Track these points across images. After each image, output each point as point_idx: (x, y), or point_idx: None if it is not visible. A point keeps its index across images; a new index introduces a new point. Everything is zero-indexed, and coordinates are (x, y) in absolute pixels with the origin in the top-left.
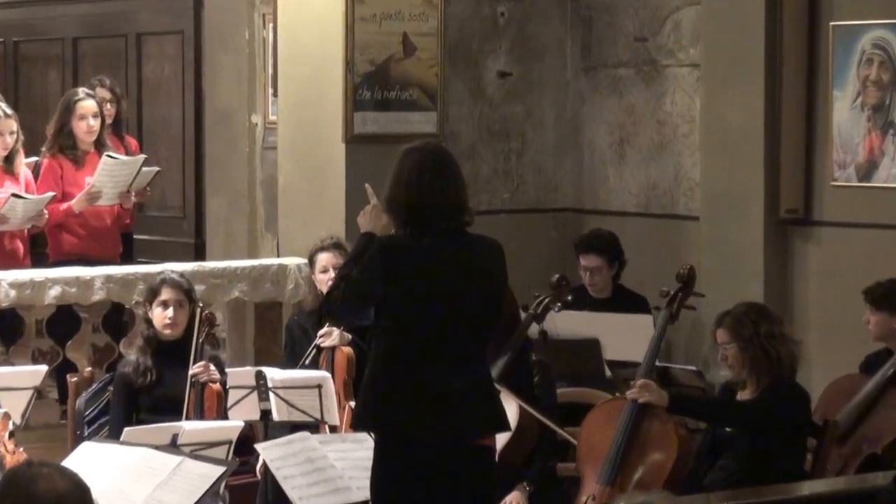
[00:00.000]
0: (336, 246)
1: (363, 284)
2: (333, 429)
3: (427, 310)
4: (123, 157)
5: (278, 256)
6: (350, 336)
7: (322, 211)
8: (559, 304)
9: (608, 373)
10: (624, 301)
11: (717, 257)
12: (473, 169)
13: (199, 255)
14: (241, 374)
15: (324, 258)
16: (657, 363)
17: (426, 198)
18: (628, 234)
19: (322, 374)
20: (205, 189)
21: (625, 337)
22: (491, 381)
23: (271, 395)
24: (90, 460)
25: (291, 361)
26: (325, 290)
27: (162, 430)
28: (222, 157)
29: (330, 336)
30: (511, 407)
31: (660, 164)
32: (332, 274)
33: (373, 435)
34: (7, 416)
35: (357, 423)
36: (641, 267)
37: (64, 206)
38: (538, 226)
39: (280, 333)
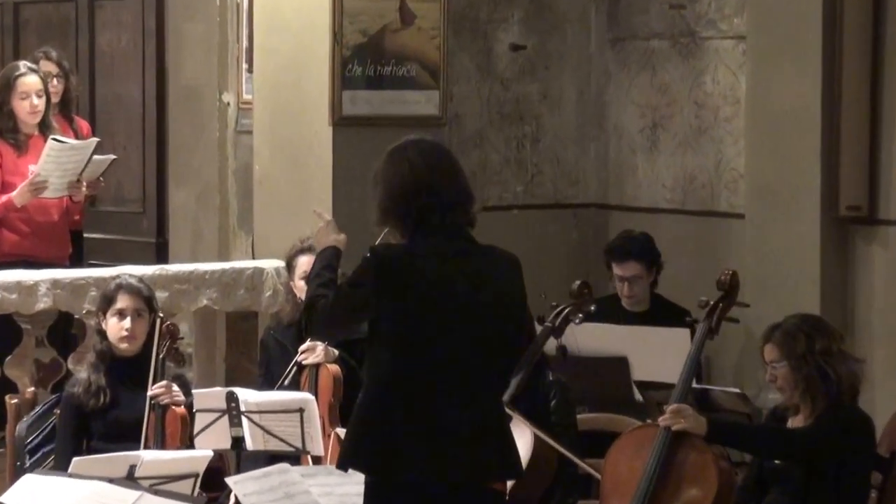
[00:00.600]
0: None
1: (353, 297)
2: (317, 460)
3: (431, 331)
4: (73, 142)
5: (253, 258)
6: (337, 352)
7: (305, 206)
8: (581, 316)
9: (637, 395)
10: (663, 314)
11: (764, 261)
12: (481, 158)
13: (162, 256)
14: (209, 396)
15: (305, 262)
16: (694, 384)
17: (428, 194)
18: (661, 235)
19: (304, 395)
20: (168, 180)
21: (657, 354)
22: (504, 419)
23: (244, 420)
24: (33, 495)
25: (268, 381)
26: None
27: (117, 460)
28: (188, 143)
29: (313, 352)
30: (524, 436)
31: (698, 152)
32: None
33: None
34: None
35: (345, 461)
36: (676, 273)
37: (3, 198)
38: (556, 224)
39: (255, 348)
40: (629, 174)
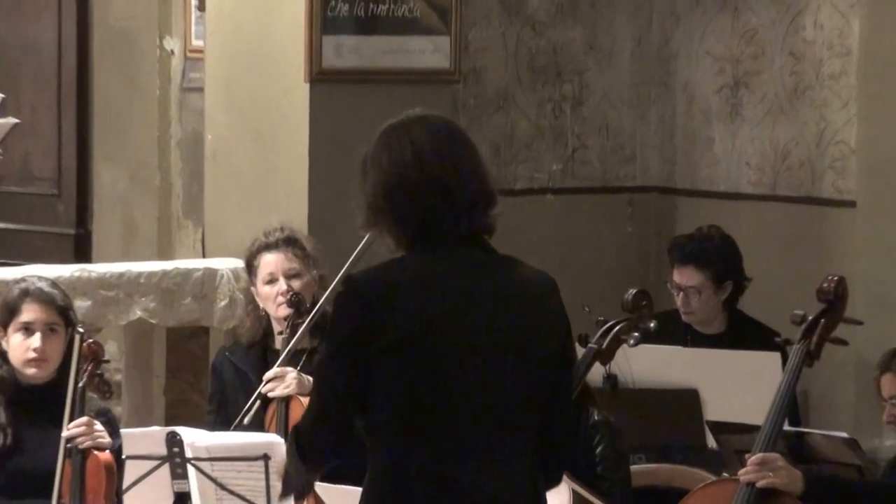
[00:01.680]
0: (288, 242)
1: (338, 373)
2: None
3: (447, 381)
4: None
5: (204, 257)
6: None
7: (271, 188)
8: (636, 335)
9: (710, 441)
10: (745, 337)
11: (882, 264)
12: (506, 126)
13: (82, 252)
14: (144, 438)
15: (270, 262)
16: (787, 427)
17: (436, 193)
18: (744, 228)
19: (271, 438)
20: (91, 152)
21: (737, 385)
22: (540, 486)
23: (191, 469)
24: None
25: (223, 419)
26: (274, 310)
27: None
28: (119, 104)
29: (282, 381)
30: (560, 493)
31: (794, 120)
32: (282, 286)
33: None
34: None
35: None
36: (763, 279)
37: None
38: (605, 214)
39: (205, 375)
40: (703, 148)
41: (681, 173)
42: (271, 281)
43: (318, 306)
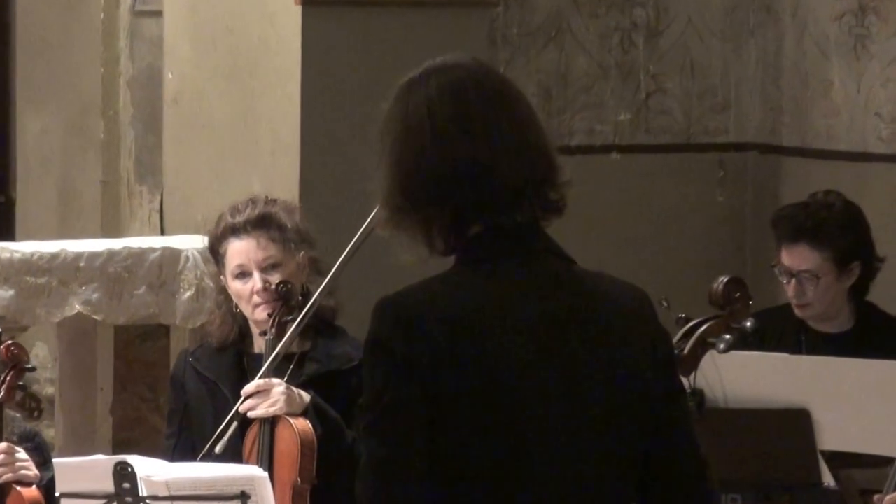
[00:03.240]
0: (261, 223)
1: (393, 419)
2: None
3: (510, 440)
4: None
5: (163, 233)
6: (307, 396)
7: (252, 141)
8: (728, 339)
9: (827, 477)
10: (876, 339)
11: None
12: (559, 64)
13: (3, 227)
14: (84, 470)
15: (238, 251)
16: None
17: (457, 179)
18: (872, 198)
19: (249, 471)
20: (13, 97)
21: (863, 405)
22: None
23: None
24: None
25: (186, 445)
26: (251, 311)
27: None
28: (50, 31)
29: (266, 396)
30: None
31: None
32: (257, 283)
33: None
34: None
35: None
36: (891, 267)
37: None
38: (688, 179)
39: (164, 388)
40: (818, 96)
41: (788, 126)
42: (242, 275)
43: (312, 300)
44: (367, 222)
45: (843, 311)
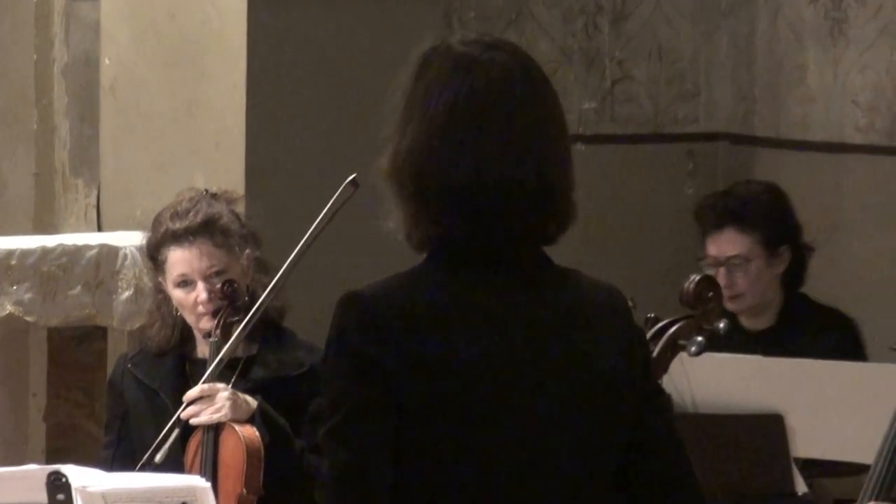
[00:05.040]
0: (204, 230)
1: (362, 447)
2: None
3: (491, 438)
4: None
5: (100, 229)
6: (254, 402)
7: (195, 132)
8: (699, 340)
9: (800, 485)
10: (795, 335)
11: None
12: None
13: None
14: (14, 481)
15: (181, 260)
16: None
17: (463, 183)
18: (849, 191)
19: (191, 481)
20: None
21: (839, 410)
22: None
23: None
24: None
25: (125, 453)
26: (195, 321)
27: None
28: None
29: (210, 402)
30: None
31: None
32: (201, 293)
33: None
34: None
35: None
36: (879, 261)
37: None
38: (656, 170)
39: (101, 394)
40: (792, 82)
41: (761, 115)
42: (183, 283)
43: (261, 300)
44: (315, 222)
45: (775, 303)
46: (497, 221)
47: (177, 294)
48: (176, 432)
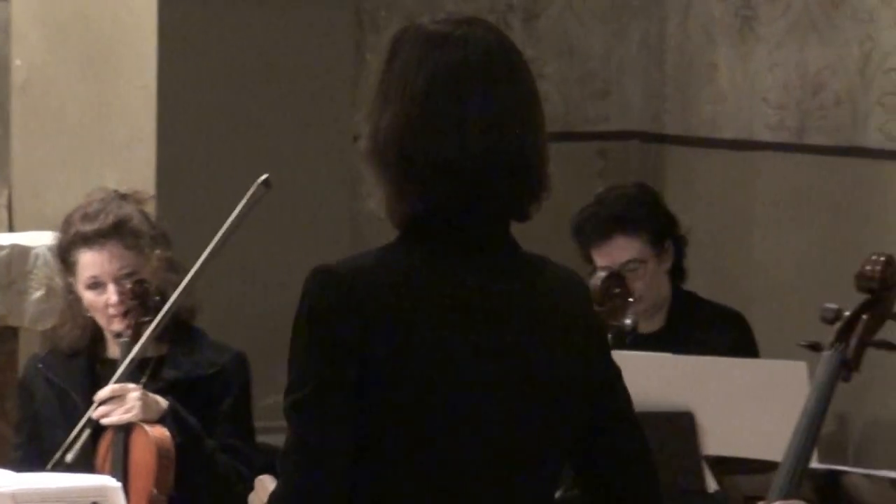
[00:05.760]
0: (115, 232)
1: (327, 417)
2: None
3: (453, 422)
4: None
5: (11, 229)
6: (165, 402)
7: (107, 131)
8: (608, 337)
9: (710, 482)
10: (685, 336)
11: None
12: None
13: None
14: None
15: (91, 263)
16: (816, 463)
17: (438, 161)
18: (759, 189)
19: (102, 481)
20: None
21: (749, 409)
22: None
23: None
24: None
25: (34, 454)
26: (106, 322)
27: None
28: None
29: (121, 402)
30: None
31: (829, 40)
32: (112, 296)
33: None
34: None
35: None
36: (788, 257)
37: None
38: (566, 169)
39: (11, 394)
40: (702, 80)
41: (672, 113)
42: (95, 285)
43: (172, 299)
44: (227, 222)
45: (667, 302)
46: (479, 195)
47: (87, 296)
48: (87, 432)
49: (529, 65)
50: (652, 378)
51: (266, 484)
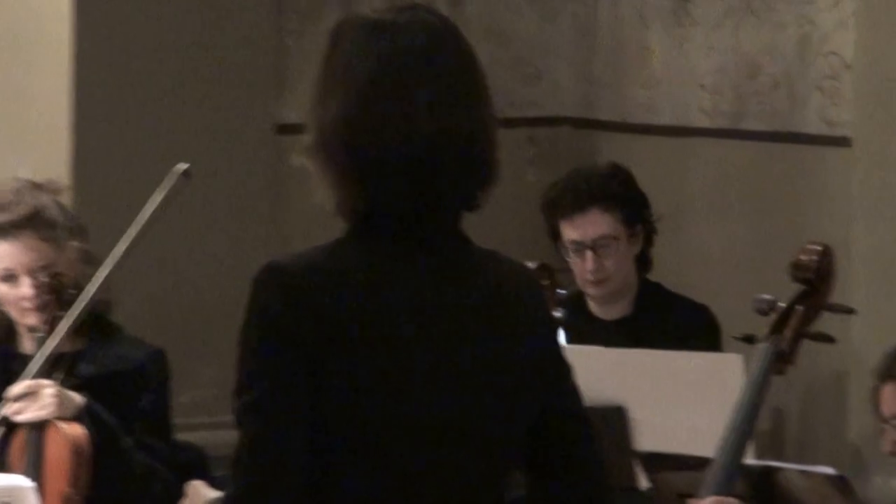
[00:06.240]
0: (29, 223)
1: (280, 407)
2: None
3: (406, 420)
4: None
5: None
6: (81, 399)
7: (20, 120)
8: None
9: (642, 480)
10: (654, 323)
11: (888, 226)
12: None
13: None
14: None
15: (5, 253)
16: (749, 459)
17: (384, 152)
18: (694, 176)
19: (13, 480)
20: None
21: (680, 402)
22: None
23: None
24: None
25: None
26: (19, 315)
27: None
28: None
29: (35, 399)
30: None
31: (766, 23)
32: (27, 289)
33: None
34: None
35: None
36: (724, 246)
37: None
38: (499, 156)
39: None
40: (636, 64)
41: (605, 99)
42: (8, 278)
43: (86, 295)
44: (145, 213)
45: (633, 288)
46: (430, 183)
47: (0, 289)
48: (1, 430)
49: None
50: (583, 371)
51: (199, 490)
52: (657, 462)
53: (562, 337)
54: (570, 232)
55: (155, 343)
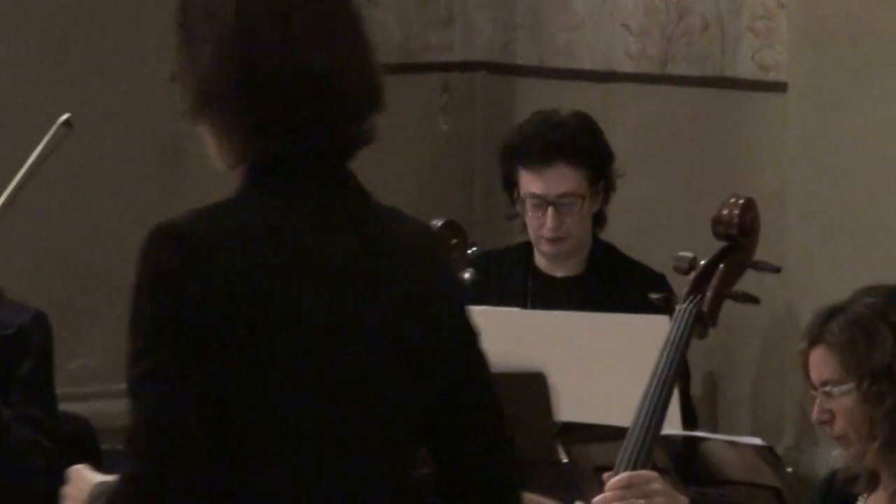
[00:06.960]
0: None
1: (176, 382)
2: None
3: (307, 385)
4: None
5: None
6: None
7: None
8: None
9: (560, 453)
10: (618, 285)
11: (821, 177)
12: None
13: None
14: None
15: None
16: (671, 430)
17: (274, 87)
18: (619, 124)
19: None
20: None
21: (602, 368)
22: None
23: None
24: None
25: None
26: None
27: None
28: None
29: None
30: None
31: None
32: None
33: None
34: None
35: None
36: (650, 200)
37: None
38: (407, 103)
39: None
40: (556, 4)
41: (523, 42)
42: None
43: None
44: (25, 166)
45: (588, 247)
46: (318, 115)
47: None
48: None
49: None
50: (502, 335)
51: (82, 473)
52: (573, 432)
53: (477, 295)
54: (532, 184)
55: (38, 306)
